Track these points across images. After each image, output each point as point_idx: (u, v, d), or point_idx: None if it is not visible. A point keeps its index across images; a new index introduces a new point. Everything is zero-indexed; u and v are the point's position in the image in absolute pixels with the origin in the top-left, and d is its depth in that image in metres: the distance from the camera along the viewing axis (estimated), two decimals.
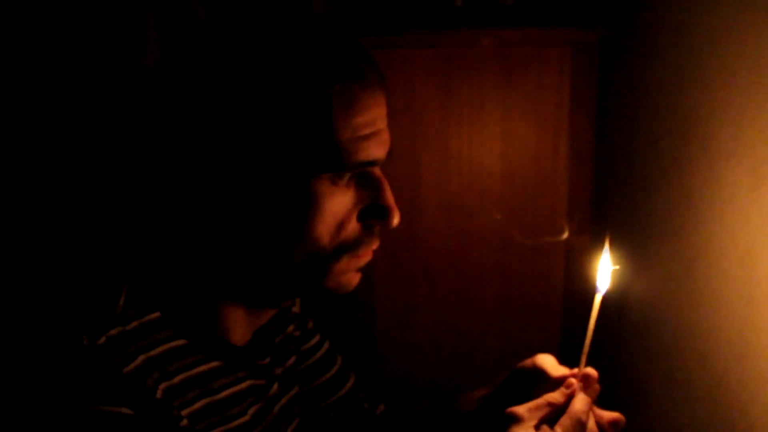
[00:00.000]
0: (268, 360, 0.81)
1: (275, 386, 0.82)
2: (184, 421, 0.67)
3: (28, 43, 1.58)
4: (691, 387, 1.19)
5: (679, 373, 1.24)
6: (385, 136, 0.72)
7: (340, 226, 0.69)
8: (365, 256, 0.73)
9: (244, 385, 0.76)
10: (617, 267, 0.73)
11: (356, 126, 0.67)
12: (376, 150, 0.70)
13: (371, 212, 0.71)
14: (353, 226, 0.71)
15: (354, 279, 0.75)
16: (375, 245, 0.73)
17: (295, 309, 0.91)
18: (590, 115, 1.41)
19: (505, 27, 1.41)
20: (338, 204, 0.69)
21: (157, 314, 0.69)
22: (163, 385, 0.67)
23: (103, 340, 0.65)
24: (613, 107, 1.51)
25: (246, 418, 0.75)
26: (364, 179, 0.71)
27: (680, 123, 1.23)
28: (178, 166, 0.69)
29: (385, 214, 0.71)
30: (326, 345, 0.95)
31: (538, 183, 1.44)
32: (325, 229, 0.68)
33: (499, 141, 1.43)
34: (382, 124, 0.71)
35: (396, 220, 0.72)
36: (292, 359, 0.88)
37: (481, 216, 1.46)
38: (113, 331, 0.66)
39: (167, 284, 0.72)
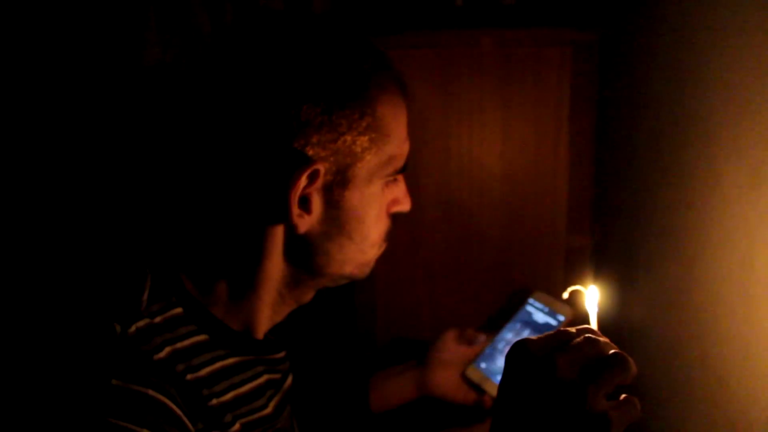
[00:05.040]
0: (283, 354, 0.82)
1: (290, 379, 0.84)
2: (213, 401, 0.69)
3: (27, 44, 1.58)
4: (691, 387, 1.19)
5: (679, 373, 1.23)
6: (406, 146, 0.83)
7: (383, 223, 0.81)
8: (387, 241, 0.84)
9: (261, 379, 0.77)
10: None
11: None
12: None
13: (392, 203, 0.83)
14: (387, 221, 0.82)
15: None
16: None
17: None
18: (590, 115, 1.41)
19: (505, 27, 1.41)
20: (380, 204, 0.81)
21: (179, 310, 0.71)
22: (190, 376, 0.68)
23: (133, 329, 0.67)
24: (613, 107, 1.51)
25: (268, 410, 0.77)
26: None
27: (680, 123, 1.23)
28: (202, 170, 0.72)
29: (401, 201, 0.84)
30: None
31: (538, 183, 1.44)
32: (378, 229, 0.81)
33: (499, 141, 1.43)
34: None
35: (409, 204, 0.84)
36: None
37: (481, 216, 1.46)
38: (141, 323, 0.67)
39: (189, 279, 0.73)
